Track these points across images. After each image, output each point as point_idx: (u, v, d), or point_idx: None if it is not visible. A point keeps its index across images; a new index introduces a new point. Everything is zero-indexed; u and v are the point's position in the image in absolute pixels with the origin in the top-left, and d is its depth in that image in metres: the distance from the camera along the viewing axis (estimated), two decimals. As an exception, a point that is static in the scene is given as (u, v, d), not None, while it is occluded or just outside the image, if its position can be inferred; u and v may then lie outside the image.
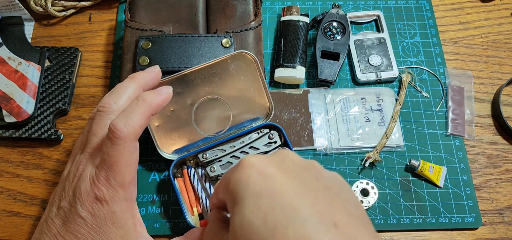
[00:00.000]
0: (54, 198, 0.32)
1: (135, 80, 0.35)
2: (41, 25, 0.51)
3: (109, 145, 0.29)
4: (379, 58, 0.48)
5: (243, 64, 0.41)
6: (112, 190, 0.29)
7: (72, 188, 0.31)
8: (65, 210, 0.30)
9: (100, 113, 0.32)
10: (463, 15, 0.53)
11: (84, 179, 0.30)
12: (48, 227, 0.31)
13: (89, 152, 0.32)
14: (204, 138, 0.42)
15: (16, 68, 0.44)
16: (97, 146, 0.32)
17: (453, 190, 0.42)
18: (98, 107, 0.33)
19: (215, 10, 0.46)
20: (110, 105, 0.32)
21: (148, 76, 0.36)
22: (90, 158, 0.31)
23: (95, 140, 0.32)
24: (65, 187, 0.32)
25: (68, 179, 0.32)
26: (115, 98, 0.33)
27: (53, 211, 0.31)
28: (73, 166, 0.32)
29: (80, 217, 0.29)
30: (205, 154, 0.41)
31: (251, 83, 0.42)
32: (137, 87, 0.35)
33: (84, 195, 0.29)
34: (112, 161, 0.29)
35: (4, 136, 0.43)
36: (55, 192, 0.33)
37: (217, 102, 0.42)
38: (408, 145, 0.45)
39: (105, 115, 0.32)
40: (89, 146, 0.32)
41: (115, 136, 0.29)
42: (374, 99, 0.46)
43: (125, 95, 0.33)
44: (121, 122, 0.29)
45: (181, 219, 0.41)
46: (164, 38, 0.43)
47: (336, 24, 0.48)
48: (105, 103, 0.33)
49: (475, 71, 0.49)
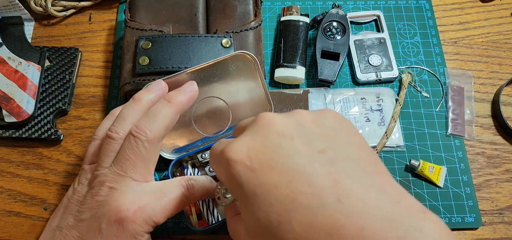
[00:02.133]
0: (70, 206, 0.32)
1: (173, 105, 0.34)
2: (41, 25, 0.51)
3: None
4: (379, 58, 0.48)
5: (243, 64, 0.41)
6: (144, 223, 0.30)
7: (96, 201, 0.30)
8: (86, 223, 0.30)
9: (135, 139, 0.31)
10: (463, 15, 0.53)
11: (115, 198, 0.30)
12: (63, 236, 0.30)
13: (119, 173, 0.31)
14: (203, 137, 0.42)
15: (16, 68, 0.45)
16: (129, 171, 0.31)
17: (453, 190, 0.42)
18: (132, 131, 0.32)
19: (215, 10, 0.46)
20: (146, 133, 0.32)
21: (185, 99, 0.35)
22: (121, 179, 0.31)
23: (127, 164, 0.31)
24: (86, 198, 0.31)
25: (91, 191, 0.31)
26: (151, 125, 0.32)
27: (70, 220, 0.31)
28: (96, 180, 0.31)
29: (101, 234, 0.29)
30: (204, 154, 0.41)
31: (251, 84, 0.42)
32: (174, 113, 0.34)
33: (112, 214, 0.29)
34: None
35: (4, 136, 0.43)
36: (70, 199, 0.33)
37: (217, 102, 0.42)
38: (408, 145, 0.45)
39: (140, 143, 0.31)
40: (120, 168, 0.31)
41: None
42: (374, 99, 0.46)
43: (162, 122, 0.33)
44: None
45: (181, 219, 0.41)
46: (164, 38, 0.43)
47: (336, 24, 0.48)
48: (140, 129, 0.32)
49: (475, 71, 0.49)
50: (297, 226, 0.21)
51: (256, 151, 0.24)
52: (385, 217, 0.20)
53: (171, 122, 0.34)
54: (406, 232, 0.20)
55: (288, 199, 0.22)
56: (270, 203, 0.22)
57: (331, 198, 0.21)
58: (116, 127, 0.33)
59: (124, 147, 0.31)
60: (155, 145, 0.32)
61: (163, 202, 0.31)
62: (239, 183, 0.24)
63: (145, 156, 0.31)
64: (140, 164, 0.31)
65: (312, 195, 0.22)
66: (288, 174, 0.23)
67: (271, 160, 0.23)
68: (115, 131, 0.33)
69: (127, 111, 0.34)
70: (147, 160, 0.32)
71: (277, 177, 0.23)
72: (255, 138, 0.25)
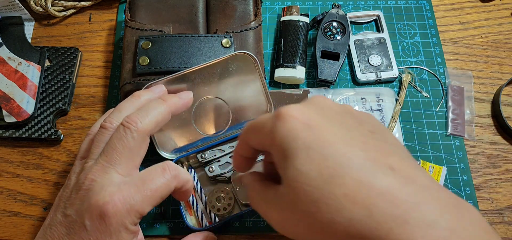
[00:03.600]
0: (60, 203, 0.32)
1: (167, 103, 0.35)
2: (41, 25, 0.51)
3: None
4: (379, 58, 0.48)
5: (243, 64, 0.41)
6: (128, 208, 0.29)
7: (79, 197, 0.30)
8: (70, 218, 0.30)
9: (124, 129, 0.31)
10: (463, 15, 0.53)
11: (95, 191, 0.29)
12: (52, 233, 0.30)
13: (104, 164, 0.30)
14: (203, 137, 0.42)
15: (16, 68, 0.45)
16: (114, 162, 0.31)
17: (453, 190, 0.42)
18: (123, 122, 0.32)
19: (215, 10, 0.46)
20: (136, 123, 0.32)
21: (179, 102, 0.36)
22: (104, 170, 0.30)
23: (113, 154, 0.31)
24: (71, 194, 0.31)
25: (76, 186, 0.31)
26: (142, 117, 0.32)
27: (58, 217, 0.31)
28: (82, 174, 0.31)
29: (85, 230, 0.29)
30: (204, 154, 0.41)
31: (251, 84, 0.42)
32: (166, 111, 0.34)
33: (93, 208, 0.29)
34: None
35: (4, 136, 0.43)
36: (60, 196, 0.33)
37: (217, 103, 0.42)
38: (408, 145, 0.45)
39: (129, 133, 0.31)
40: (105, 159, 0.31)
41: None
42: (374, 99, 0.46)
43: (153, 116, 0.33)
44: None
45: (180, 219, 0.41)
46: (164, 38, 0.43)
47: (336, 24, 0.48)
48: (131, 120, 0.32)
49: (475, 71, 0.49)
50: (351, 181, 0.22)
51: (313, 113, 0.26)
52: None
53: (162, 119, 0.34)
54: None
55: (345, 157, 0.23)
56: (324, 157, 0.24)
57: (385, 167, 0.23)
58: (111, 117, 0.34)
59: (113, 136, 0.31)
60: (144, 137, 0.32)
61: (145, 191, 0.30)
62: (293, 136, 0.25)
63: (132, 147, 0.31)
64: (126, 154, 0.31)
65: (370, 161, 0.23)
66: (345, 138, 0.24)
67: (328, 123, 0.25)
68: (109, 122, 0.33)
69: (124, 105, 0.35)
70: (134, 151, 0.31)
71: (333, 137, 0.24)
72: (310, 106, 0.27)
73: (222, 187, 0.41)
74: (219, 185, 0.41)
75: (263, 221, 0.41)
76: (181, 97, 0.37)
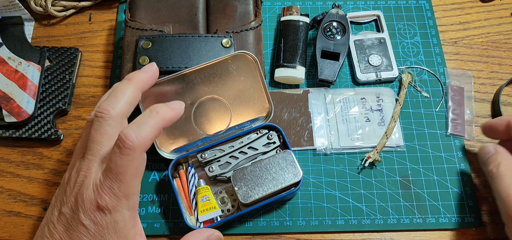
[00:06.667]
0: (56, 202, 0.32)
1: (133, 82, 0.35)
2: (41, 25, 0.51)
3: (118, 154, 0.29)
4: (379, 58, 0.48)
5: (243, 64, 0.41)
6: (116, 199, 0.29)
7: (73, 194, 0.31)
8: (67, 216, 0.30)
9: (98, 120, 0.32)
10: (463, 15, 0.53)
11: (86, 186, 0.30)
12: (50, 232, 0.30)
13: (89, 158, 0.31)
14: (203, 137, 0.42)
15: (16, 68, 0.45)
16: (97, 153, 0.31)
17: (453, 190, 0.42)
18: (96, 113, 0.32)
19: (215, 10, 0.46)
20: (109, 111, 0.32)
21: (145, 77, 0.36)
22: (91, 165, 0.31)
23: (95, 147, 0.31)
24: (66, 192, 0.31)
25: (69, 184, 0.31)
26: (113, 103, 0.32)
27: (55, 216, 0.31)
28: (74, 172, 0.32)
29: (82, 225, 0.29)
30: (204, 153, 0.41)
31: (251, 84, 0.42)
32: (135, 89, 0.34)
33: (86, 203, 0.29)
34: (119, 170, 0.29)
35: (4, 136, 0.43)
36: (56, 195, 0.33)
37: (217, 102, 0.42)
38: (408, 145, 0.45)
39: (104, 122, 0.32)
40: (89, 153, 0.31)
41: (126, 145, 0.29)
42: (374, 99, 0.47)
43: (123, 99, 0.33)
44: (133, 132, 0.29)
45: (180, 219, 0.41)
46: (164, 38, 0.43)
47: (336, 24, 0.48)
48: (103, 109, 0.32)
49: (475, 71, 0.49)
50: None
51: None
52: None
53: (133, 99, 0.34)
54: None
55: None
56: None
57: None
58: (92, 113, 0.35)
59: (92, 128, 0.32)
60: (120, 122, 0.32)
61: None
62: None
63: (110, 134, 0.32)
64: (106, 143, 0.31)
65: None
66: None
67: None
68: (89, 117, 0.35)
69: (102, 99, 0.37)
70: (113, 138, 0.32)
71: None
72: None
73: (222, 187, 0.41)
74: (219, 185, 0.41)
75: (263, 221, 0.41)
76: (146, 71, 0.36)
